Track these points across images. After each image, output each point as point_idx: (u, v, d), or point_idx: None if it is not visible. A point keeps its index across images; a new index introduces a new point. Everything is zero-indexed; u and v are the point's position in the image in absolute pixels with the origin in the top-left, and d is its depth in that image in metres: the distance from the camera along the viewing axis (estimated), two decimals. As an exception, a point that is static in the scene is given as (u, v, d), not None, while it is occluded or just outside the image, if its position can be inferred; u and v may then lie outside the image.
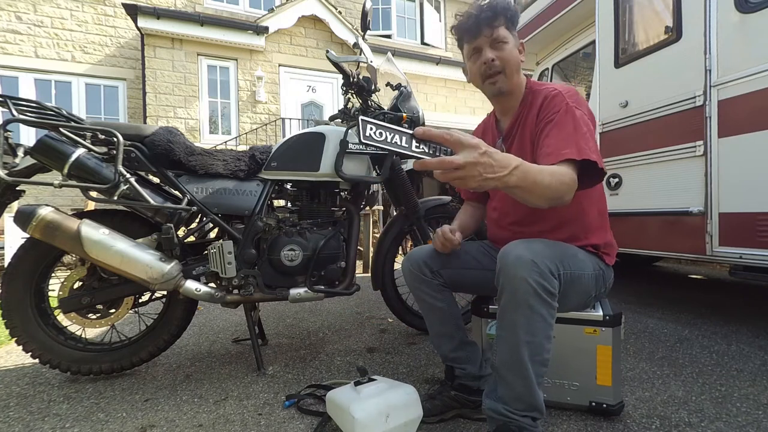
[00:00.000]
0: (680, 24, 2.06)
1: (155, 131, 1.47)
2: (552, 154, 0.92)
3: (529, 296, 0.85)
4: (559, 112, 0.98)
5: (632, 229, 2.36)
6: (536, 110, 1.05)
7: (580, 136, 0.93)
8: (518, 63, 1.09)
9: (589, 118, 1.01)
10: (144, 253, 1.37)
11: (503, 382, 0.91)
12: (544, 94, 1.05)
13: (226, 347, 1.86)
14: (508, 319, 0.89)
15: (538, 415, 0.90)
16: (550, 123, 0.99)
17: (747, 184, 1.78)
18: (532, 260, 0.86)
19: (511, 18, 1.06)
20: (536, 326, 0.86)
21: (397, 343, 1.86)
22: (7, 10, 6.52)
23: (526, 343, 0.86)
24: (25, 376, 1.57)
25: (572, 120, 0.96)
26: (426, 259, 1.21)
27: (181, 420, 1.21)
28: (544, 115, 1.02)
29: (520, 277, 0.85)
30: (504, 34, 1.05)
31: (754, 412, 1.17)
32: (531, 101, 1.09)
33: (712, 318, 2.14)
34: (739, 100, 1.80)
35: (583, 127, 0.95)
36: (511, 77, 1.08)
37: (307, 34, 7.63)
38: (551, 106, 1.02)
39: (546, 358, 0.89)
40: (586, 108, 1.03)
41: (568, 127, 0.95)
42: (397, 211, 1.95)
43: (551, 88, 1.06)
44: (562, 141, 0.93)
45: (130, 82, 7.20)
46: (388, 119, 1.66)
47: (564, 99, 1.00)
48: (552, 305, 0.88)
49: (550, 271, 0.88)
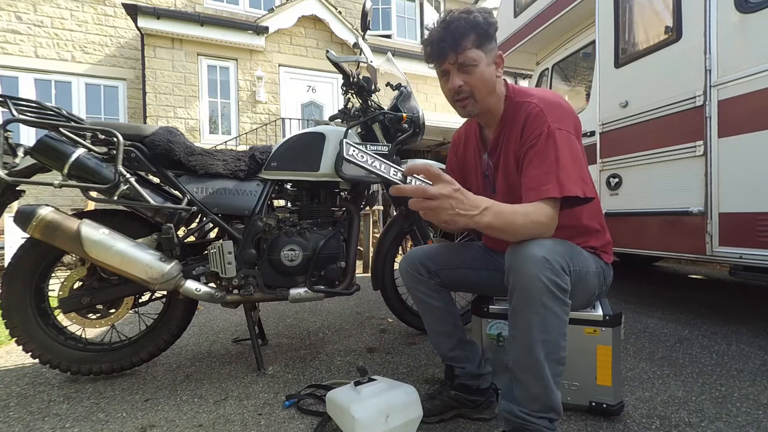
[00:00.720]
0: (680, 24, 2.06)
1: (155, 131, 1.47)
2: (533, 190, 0.92)
3: (542, 294, 0.83)
4: (540, 137, 0.94)
5: (632, 229, 2.37)
6: (520, 128, 1.00)
7: (560, 168, 0.90)
8: (491, 83, 1.01)
9: (574, 132, 0.97)
10: (144, 253, 1.37)
11: (518, 383, 0.89)
12: (526, 111, 0.99)
13: (226, 347, 1.86)
14: (520, 318, 0.87)
15: (555, 416, 0.88)
16: (531, 149, 0.95)
17: (747, 184, 1.78)
18: (543, 257, 0.84)
19: (482, 34, 0.97)
20: (551, 324, 0.85)
21: (397, 343, 1.86)
22: (7, 10, 6.53)
23: (542, 341, 0.84)
24: (25, 376, 1.57)
25: (553, 148, 0.92)
26: (423, 259, 1.20)
27: (181, 420, 1.21)
28: (527, 137, 0.97)
29: (533, 275, 0.83)
30: (472, 56, 0.97)
31: (754, 412, 1.17)
32: (513, 116, 1.04)
33: (712, 318, 2.14)
34: (739, 100, 1.80)
35: (565, 155, 0.91)
36: (482, 100, 1.02)
37: (307, 34, 7.63)
38: (533, 128, 0.96)
39: (562, 356, 0.87)
40: (570, 120, 0.98)
41: (549, 157, 0.92)
42: (397, 211, 1.95)
43: (533, 104, 0.99)
44: (544, 175, 0.91)
45: (130, 82, 7.20)
46: (389, 119, 1.67)
47: (545, 120, 0.95)
48: (565, 302, 0.86)
49: (562, 267, 0.86)
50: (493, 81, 1.02)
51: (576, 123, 1.01)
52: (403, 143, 1.70)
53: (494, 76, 1.02)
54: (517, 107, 1.03)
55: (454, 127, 8.00)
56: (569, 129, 0.96)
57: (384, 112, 1.68)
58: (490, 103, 1.05)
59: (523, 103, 1.02)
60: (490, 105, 1.05)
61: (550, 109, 0.97)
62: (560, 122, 0.95)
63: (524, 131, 0.99)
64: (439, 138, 8.83)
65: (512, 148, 1.03)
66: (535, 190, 0.91)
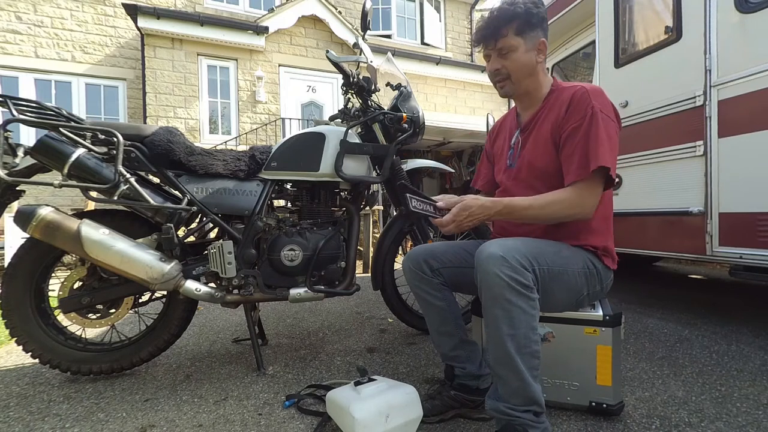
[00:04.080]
0: (680, 24, 2.06)
1: (155, 131, 1.47)
2: (569, 174, 1.03)
3: (504, 290, 0.88)
4: (585, 117, 1.01)
5: (632, 229, 2.36)
6: (564, 107, 1.06)
7: (599, 143, 0.98)
8: (530, 67, 1.10)
9: (614, 120, 1.04)
10: (144, 253, 1.37)
11: (498, 378, 0.93)
12: (572, 93, 1.07)
13: (226, 347, 1.86)
14: (489, 314, 0.91)
15: (539, 409, 0.90)
16: (577, 130, 1.02)
17: (747, 184, 1.78)
18: (501, 255, 0.89)
19: (524, 22, 1.06)
20: (517, 319, 0.88)
21: (397, 343, 1.86)
22: (7, 10, 6.52)
23: (510, 336, 0.88)
24: (25, 376, 1.57)
25: (595, 126, 1.00)
26: (426, 257, 1.21)
27: (181, 420, 1.21)
28: (571, 115, 1.04)
29: (492, 273, 0.88)
30: (511, 43, 1.07)
31: (754, 412, 1.17)
32: (557, 99, 1.11)
33: (712, 318, 2.14)
34: (739, 100, 1.80)
35: (602, 136, 0.99)
36: (519, 82, 1.12)
37: (307, 34, 7.63)
38: (579, 107, 1.04)
39: (535, 349, 0.90)
40: (612, 109, 1.06)
41: (590, 135, 1.00)
42: (397, 211, 1.95)
43: (579, 87, 1.07)
44: (585, 155, 0.99)
45: (130, 82, 7.20)
46: (389, 119, 1.66)
47: (590, 101, 1.02)
48: (530, 297, 0.89)
49: (521, 264, 0.90)
50: (531, 65, 1.10)
51: (617, 113, 1.07)
52: (403, 143, 1.70)
53: (534, 61, 1.10)
54: (562, 92, 1.11)
55: (454, 127, 8.00)
56: (611, 115, 1.04)
57: (384, 112, 1.68)
58: (528, 86, 1.13)
59: (569, 87, 1.10)
60: (528, 87, 1.13)
61: (596, 94, 1.04)
62: (603, 107, 1.02)
63: (569, 109, 1.05)
64: (439, 138, 8.82)
65: (550, 124, 1.09)
66: (579, 170, 1.00)
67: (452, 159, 10.31)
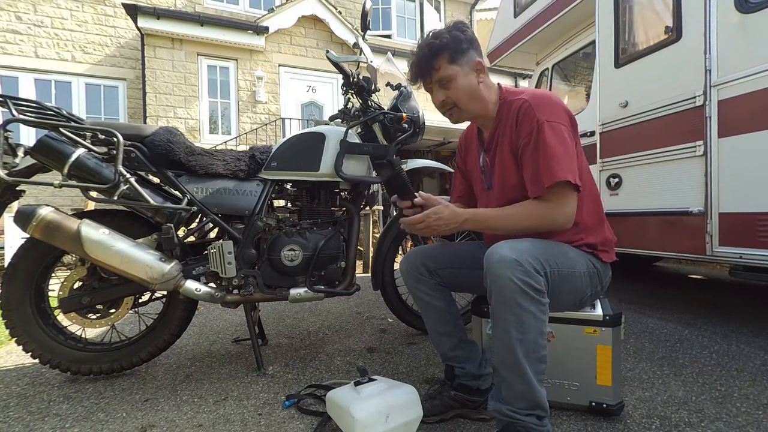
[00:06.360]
0: (680, 24, 2.06)
1: (155, 131, 1.47)
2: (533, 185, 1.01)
3: (516, 294, 0.87)
4: (531, 134, 1.00)
5: (632, 229, 2.36)
6: (513, 122, 1.05)
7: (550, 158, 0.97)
8: (472, 90, 1.09)
9: (565, 122, 1.02)
10: (144, 253, 1.37)
11: (503, 381, 0.92)
12: (517, 107, 1.05)
13: (226, 347, 1.86)
14: (498, 318, 0.90)
15: (542, 413, 0.89)
16: (527, 147, 1.01)
17: (747, 184, 1.78)
18: (515, 259, 0.88)
19: (455, 50, 1.05)
20: (527, 324, 0.87)
21: (397, 343, 1.86)
22: (7, 10, 6.52)
23: (519, 340, 0.87)
24: (25, 376, 1.57)
25: (543, 142, 0.98)
26: (423, 258, 1.21)
27: (181, 420, 1.21)
28: (521, 132, 1.03)
29: (505, 277, 0.87)
30: (447, 73, 1.06)
31: (754, 412, 1.17)
32: (506, 113, 1.09)
33: (712, 318, 2.14)
34: (739, 100, 1.80)
35: (554, 146, 0.97)
36: (466, 108, 1.11)
37: (307, 34, 7.63)
38: (524, 123, 1.02)
39: (543, 354, 0.89)
40: (560, 112, 1.03)
41: (539, 152, 0.98)
42: (397, 211, 1.94)
43: (522, 100, 1.04)
44: (535, 174, 0.99)
45: (130, 82, 7.20)
46: (389, 119, 1.66)
47: (534, 114, 1.00)
48: (541, 302, 0.89)
49: (535, 268, 0.89)
50: (473, 88, 1.09)
51: (568, 114, 1.05)
52: (403, 143, 1.70)
53: (475, 83, 1.09)
54: (509, 105, 1.09)
55: (453, 127, 7.96)
56: (558, 120, 1.01)
57: (384, 112, 1.68)
58: (477, 109, 1.12)
59: (514, 100, 1.08)
60: (477, 110, 1.12)
61: (538, 104, 1.02)
62: (549, 115, 1.00)
63: (518, 124, 1.04)
64: (439, 138, 8.82)
65: (507, 141, 1.08)
66: (535, 186, 1.00)
67: (452, 159, 10.32)
